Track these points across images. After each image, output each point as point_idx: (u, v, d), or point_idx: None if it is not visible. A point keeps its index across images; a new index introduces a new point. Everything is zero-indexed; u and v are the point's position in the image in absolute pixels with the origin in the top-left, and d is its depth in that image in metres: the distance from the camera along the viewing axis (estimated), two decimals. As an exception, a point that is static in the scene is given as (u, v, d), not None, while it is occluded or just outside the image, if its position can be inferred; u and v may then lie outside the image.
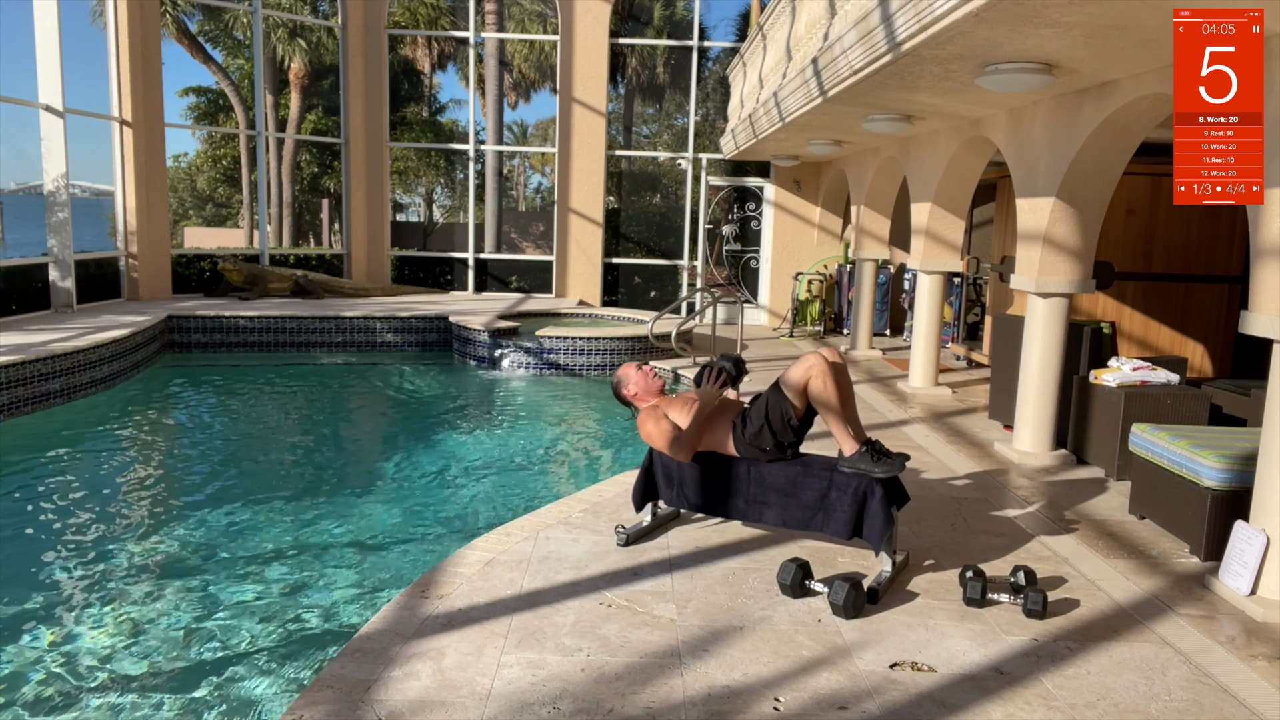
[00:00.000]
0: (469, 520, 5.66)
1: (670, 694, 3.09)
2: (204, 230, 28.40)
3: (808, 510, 4.14)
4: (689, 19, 18.18)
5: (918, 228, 8.67)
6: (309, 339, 11.29)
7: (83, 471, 6.55)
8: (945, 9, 4.22)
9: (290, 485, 6.48)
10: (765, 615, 3.72)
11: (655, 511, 4.67)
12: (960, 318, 11.00)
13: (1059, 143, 5.95)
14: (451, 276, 14.90)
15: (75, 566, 4.88)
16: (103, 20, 12.65)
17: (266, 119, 24.05)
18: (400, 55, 24.58)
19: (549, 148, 17.47)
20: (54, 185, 10.89)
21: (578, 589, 3.92)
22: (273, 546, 5.15)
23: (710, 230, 14.64)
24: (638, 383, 4.59)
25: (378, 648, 3.35)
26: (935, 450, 6.49)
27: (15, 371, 7.57)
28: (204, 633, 4.10)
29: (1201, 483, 4.40)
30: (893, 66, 5.41)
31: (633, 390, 4.61)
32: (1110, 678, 3.30)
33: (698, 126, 14.72)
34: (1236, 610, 3.89)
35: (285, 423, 8.50)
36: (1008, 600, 3.85)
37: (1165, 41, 4.22)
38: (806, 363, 4.12)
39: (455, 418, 8.61)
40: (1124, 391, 5.74)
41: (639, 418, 4.47)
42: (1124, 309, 8.36)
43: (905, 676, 3.26)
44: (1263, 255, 3.95)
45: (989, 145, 7.61)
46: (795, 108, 8.01)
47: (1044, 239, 6.07)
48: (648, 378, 4.61)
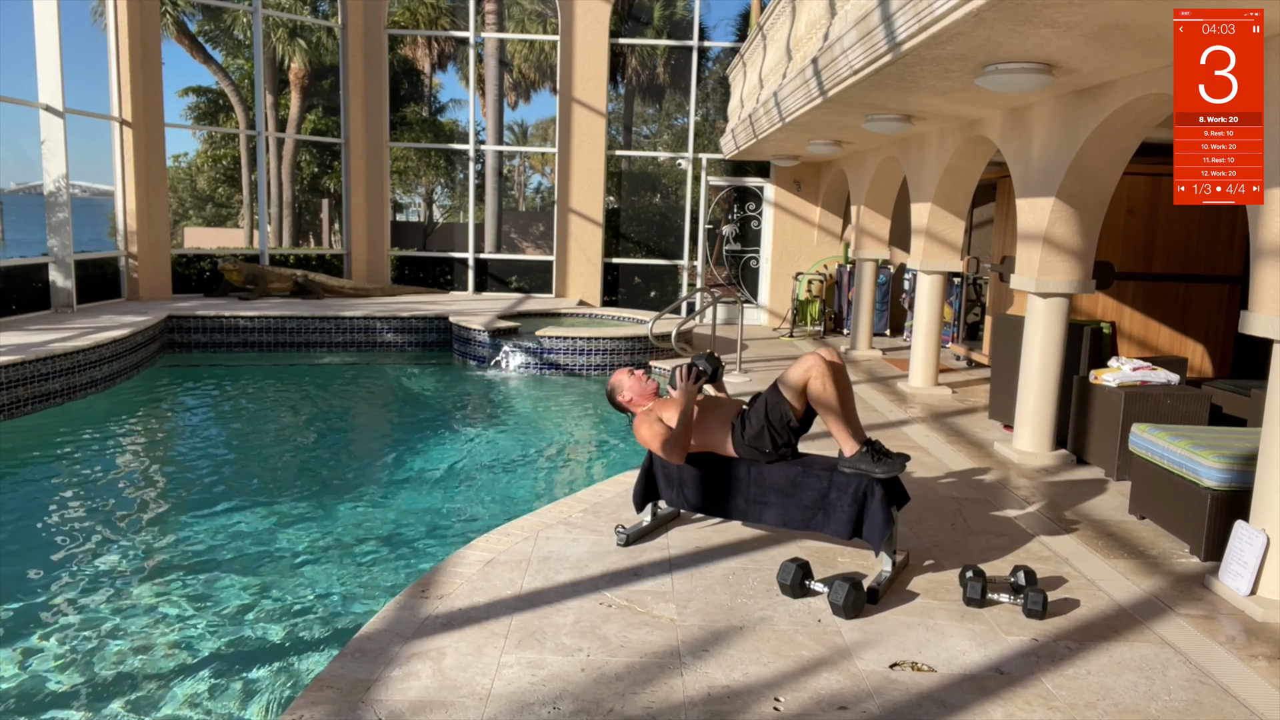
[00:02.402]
0: (469, 520, 5.66)
1: (670, 694, 3.09)
2: (204, 230, 28.39)
3: (808, 510, 4.15)
4: (689, 19, 18.18)
5: (918, 228, 8.67)
6: (309, 339, 11.29)
7: (82, 471, 6.55)
8: (945, 9, 4.22)
9: (290, 485, 6.48)
10: (765, 615, 3.72)
11: (655, 511, 4.68)
12: (960, 318, 11.00)
13: (1059, 143, 5.94)
14: (451, 276, 14.90)
15: (74, 566, 4.88)
16: (103, 20, 12.66)
17: (266, 119, 24.04)
18: (400, 55, 24.57)
19: (549, 148, 17.47)
20: (54, 185, 10.89)
21: (578, 589, 3.92)
22: (272, 546, 5.15)
23: (710, 230, 14.65)
24: (631, 388, 4.61)
25: (378, 648, 3.35)
26: (935, 450, 6.49)
27: (15, 371, 7.57)
28: (203, 632, 4.10)
29: (1201, 483, 4.40)
30: (893, 67, 5.42)
31: (627, 396, 4.62)
32: (1110, 678, 3.30)
33: (698, 126, 14.72)
34: (1236, 610, 3.89)
35: (285, 423, 8.50)
36: (1008, 600, 3.86)
37: (1165, 41, 4.22)
38: (806, 363, 4.12)
39: (455, 418, 8.61)
40: (1124, 391, 5.74)
41: (634, 422, 4.48)
42: (1124, 309, 8.35)
43: (905, 676, 3.27)
44: (1263, 255, 3.95)
45: (989, 145, 7.61)
46: (795, 108, 8.01)
47: (1044, 239, 6.07)
48: (640, 382, 4.62)
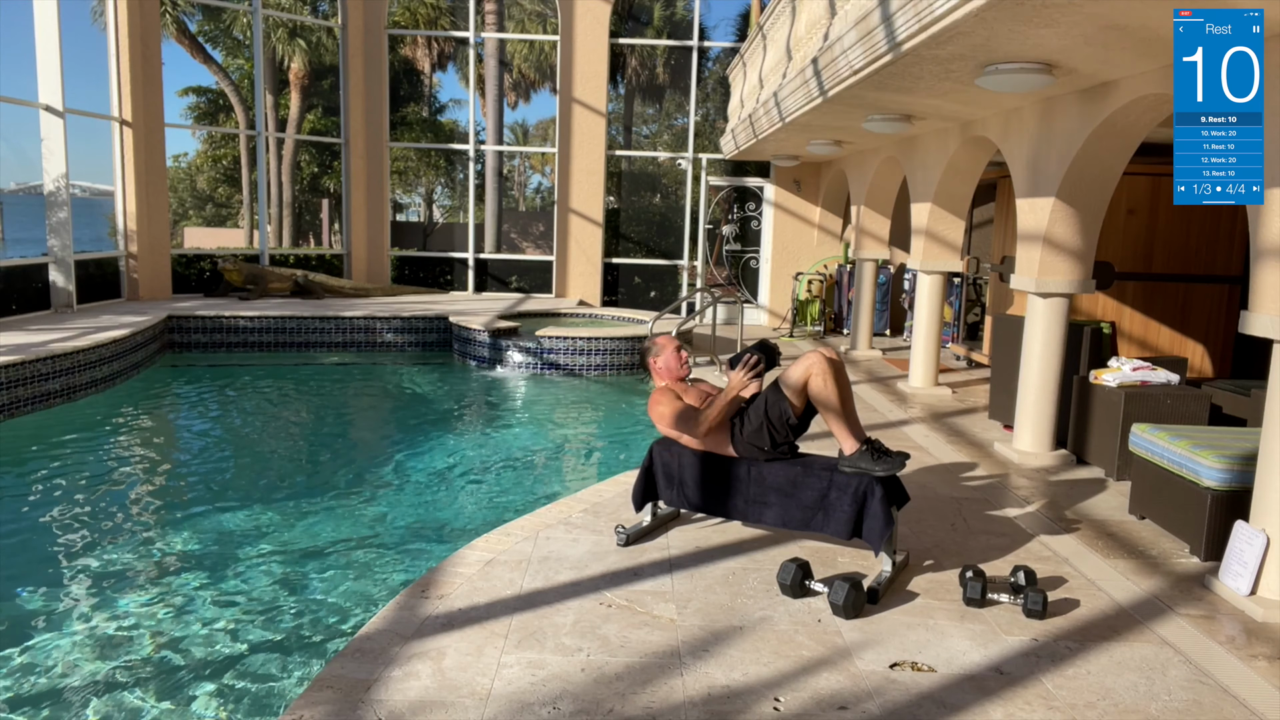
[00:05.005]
0: (469, 520, 5.66)
1: (670, 694, 3.09)
2: (204, 230, 28.39)
3: (808, 510, 4.14)
4: (689, 19, 18.18)
5: (918, 228, 8.67)
6: (309, 339, 11.29)
7: (82, 472, 6.55)
8: (945, 9, 4.22)
9: (289, 485, 6.48)
10: (765, 615, 3.72)
11: (655, 511, 4.68)
12: (960, 318, 11.00)
13: (1059, 143, 5.94)
14: (451, 276, 14.90)
15: (73, 566, 4.88)
16: (103, 20, 12.66)
17: (266, 119, 24.05)
18: (400, 55, 24.58)
19: (549, 148, 17.47)
20: (54, 185, 10.89)
21: (578, 589, 3.92)
22: (272, 546, 5.15)
23: (710, 230, 14.64)
24: (667, 359, 4.60)
25: (378, 648, 3.35)
26: (935, 450, 6.49)
27: (15, 371, 7.57)
28: (203, 632, 4.10)
29: (1201, 483, 4.40)
30: (893, 66, 5.41)
31: (659, 363, 4.62)
32: (1110, 678, 3.30)
33: (698, 126, 14.72)
34: (1236, 610, 3.89)
35: (285, 423, 8.50)
36: (1008, 600, 3.86)
37: (1165, 41, 4.22)
38: (806, 361, 4.13)
39: (455, 418, 8.61)
40: (1124, 391, 5.74)
41: (651, 397, 4.51)
42: (1124, 309, 8.35)
43: (905, 676, 3.26)
44: (1263, 255, 3.95)
45: (989, 145, 7.60)
46: (795, 108, 8.01)
47: (1044, 239, 6.07)
48: (679, 360, 4.61)
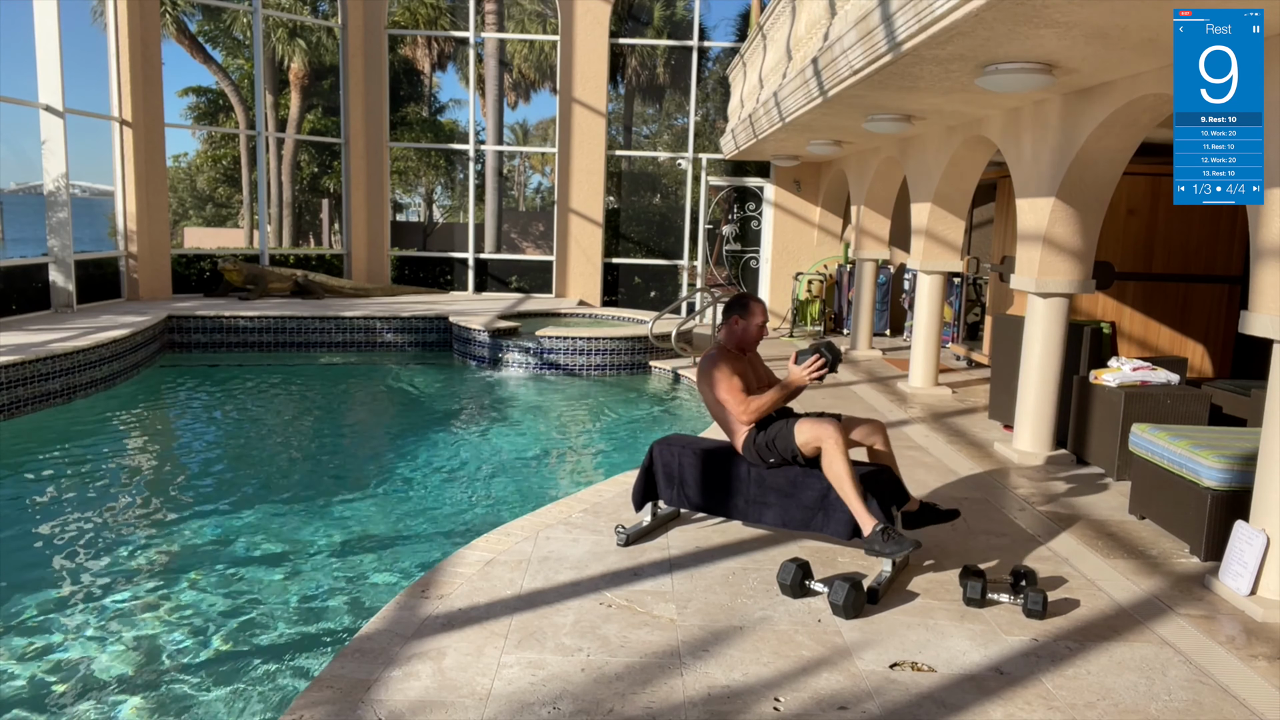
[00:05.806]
0: (469, 520, 5.66)
1: (670, 694, 3.09)
2: (204, 230, 28.40)
3: (808, 510, 4.14)
4: (689, 19, 18.18)
5: (918, 228, 8.67)
6: (309, 339, 11.29)
7: (82, 472, 6.55)
8: (945, 9, 4.22)
9: (290, 485, 6.48)
10: (765, 615, 3.72)
11: (655, 511, 4.67)
12: (960, 318, 11.00)
13: (1059, 143, 5.94)
14: (451, 276, 14.90)
15: (73, 567, 4.88)
16: (103, 20, 12.66)
17: (266, 119, 24.04)
18: (400, 55, 24.57)
19: (549, 148, 17.47)
20: (54, 185, 10.89)
21: (578, 589, 3.92)
22: (272, 546, 5.15)
23: (710, 230, 14.64)
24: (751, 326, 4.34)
25: (378, 648, 3.35)
26: (935, 450, 6.49)
27: (15, 371, 7.57)
28: (203, 633, 4.10)
29: (1201, 483, 4.40)
30: (893, 66, 5.41)
31: (740, 325, 4.34)
32: (1110, 678, 3.30)
33: (698, 126, 14.72)
34: (1236, 610, 3.89)
35: (285, 423, 8.50)
36: (1008, 600, 3.86)
37: (1165, 41, 4.22)
38: (820, 430, 3.98)
39: (455, 418, 8.60)
40: (1124, 391, 5.74)
41: (707, 364, 4.27)
42: (1124, 309, 8.35)
43: (905, 676, 3.26)
44: (1263, 255, 3.95)
45: (989, 145, 7.60)
46: (795, 108, 8.01)
47: (1044, 239, 6.07)
48: (760, 336, 4.38)
